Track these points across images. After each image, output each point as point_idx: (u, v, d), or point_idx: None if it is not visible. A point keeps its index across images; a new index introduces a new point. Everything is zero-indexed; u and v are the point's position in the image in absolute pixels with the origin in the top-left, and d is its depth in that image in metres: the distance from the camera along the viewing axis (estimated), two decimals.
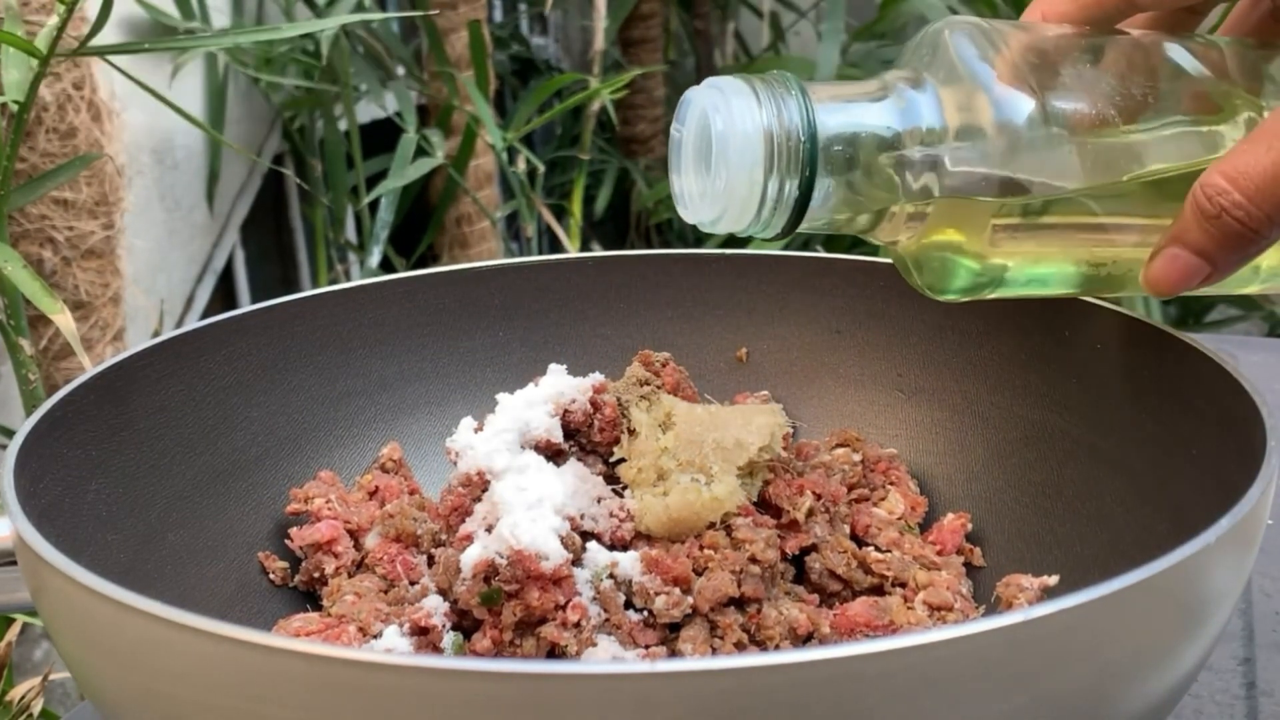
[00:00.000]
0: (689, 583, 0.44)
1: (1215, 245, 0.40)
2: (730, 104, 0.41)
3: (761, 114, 0.41)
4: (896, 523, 0.52)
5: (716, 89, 0.42)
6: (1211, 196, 0.40)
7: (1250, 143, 0.40)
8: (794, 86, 0.41)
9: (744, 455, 0.47)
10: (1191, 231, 0.41)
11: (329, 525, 0.50)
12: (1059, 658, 0.30)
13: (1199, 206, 0.40)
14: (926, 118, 0.42)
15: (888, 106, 0.42)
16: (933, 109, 0.42)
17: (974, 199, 0.41)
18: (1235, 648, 0.52)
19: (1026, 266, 0.44)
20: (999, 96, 0.41)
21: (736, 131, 0.41)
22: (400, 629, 0.45)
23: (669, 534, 0.46)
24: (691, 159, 0.44)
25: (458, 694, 0.28)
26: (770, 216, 0.42)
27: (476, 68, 1.70)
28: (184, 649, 0.30)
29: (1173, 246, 0.41)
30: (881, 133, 0.42)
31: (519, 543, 0.43)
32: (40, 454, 0.42)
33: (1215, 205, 0.40)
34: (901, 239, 0.44)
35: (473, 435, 0.50)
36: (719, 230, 0.43)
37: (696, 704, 0.27)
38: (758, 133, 0.40)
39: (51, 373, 1.17)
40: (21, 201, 0.87)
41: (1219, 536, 0.32)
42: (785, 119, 0.40)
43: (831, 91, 0.42)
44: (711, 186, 0.42)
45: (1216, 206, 0.40)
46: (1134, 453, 0.47)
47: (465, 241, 1.99)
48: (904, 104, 0.42)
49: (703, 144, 0.43)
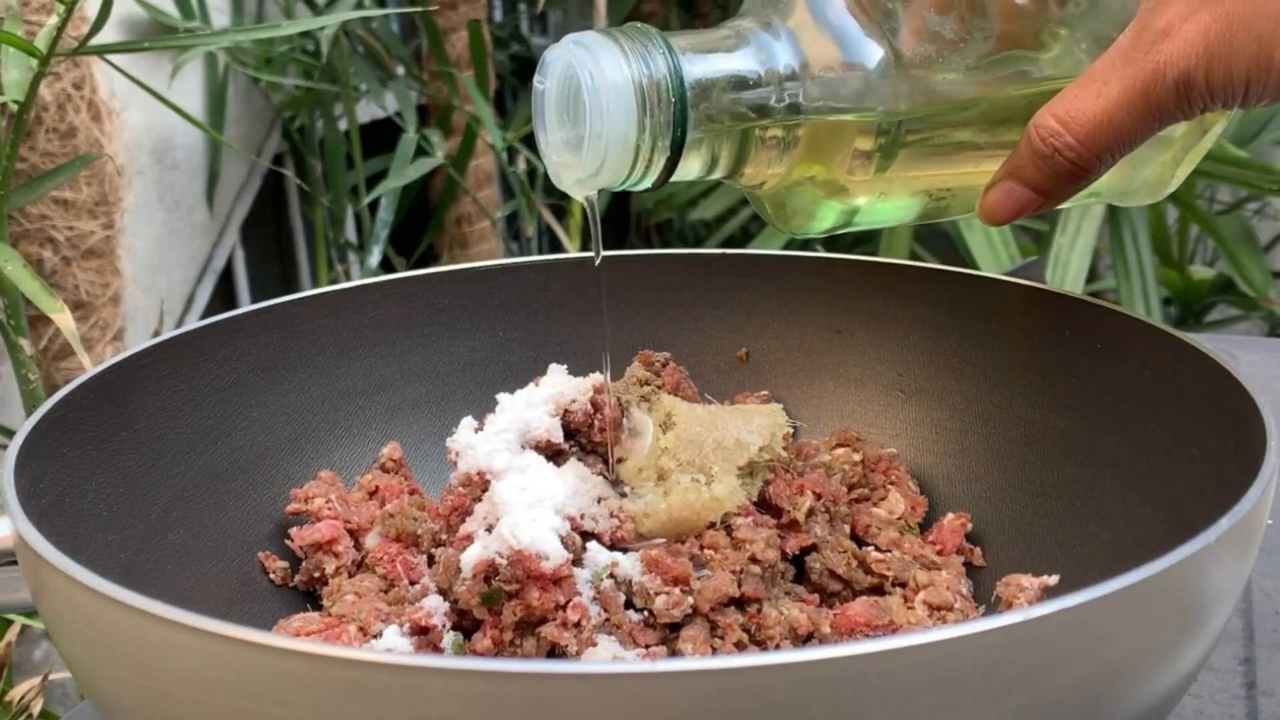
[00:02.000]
0: (689, 582, 0.44)
1: (1047, 181, 0.43)
2: (598, 58, 0.41)
3: (630, 67, 0.41)
4: (896, 523, 0.52)
5: (580, 45, 0.42)
6: (1045, 138, 0.42)
7: (1080, 86, 0.42)
8: (657, 39, 0.42)
9: (744, 455, 0.47)
10: (1026, 168, 0.44)
11: (329, 525, 0.50)
12: (1059, 657, 0.30)
13: (1033, 146, 0.43)
14: (785, 59, 0.43)
15: (747, 52, 0.43)
16: (789, 51, 0.43)
17: (832, 125, 0.43)
18: (1235, 648, 0.52)
19: (879, 197, 0.46)
20: (848, 37, 0.43)
21: (607, 85, 0.41)
22: (400, 629, 0.45)
23: (668, 534, 0.46)
24: (556, 117, 0.44)
25: (458, 694, 0.28)
26: (645, 169, 0.42)
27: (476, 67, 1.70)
28: (184, 649, 0.30)
29: (1008, 180, 0.44)
30: (747, 75, 0.43)
31: (519, 543, 0.43)
32: (40, 454, 0.42)
33: (1049, 146, 0.42)
34: (769, 180, 0.45)
35: (473, 435, 0.50)
36: (594, 187, 0.43)
37: (696, 703, 0.27)
38: (627, 85, 0.41)
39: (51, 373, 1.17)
40: (21, 201, 0.87)
41: (1219, 536, 0.32)
42: (654, 69, 0.41)
43: (692, 41, 0.43)
44: (586, 143, 0.42)
45: (1050, 147, 0.42)
46: (1134, 453, 0.47)
47: (465, 241, 1.99)
48: (762, 48, 0.43)
49: (569, 102, 0.43)
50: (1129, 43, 0.41)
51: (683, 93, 0.41)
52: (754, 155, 0.44)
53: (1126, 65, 0.41)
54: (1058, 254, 1.60)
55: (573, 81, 0.42)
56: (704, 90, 0.42)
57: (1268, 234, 2.07)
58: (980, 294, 0.55)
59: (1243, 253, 1.70)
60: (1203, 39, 0.40)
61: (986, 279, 0.55)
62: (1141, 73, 0.41)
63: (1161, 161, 0.49)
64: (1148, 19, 0.41)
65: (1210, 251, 2.23)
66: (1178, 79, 0.40)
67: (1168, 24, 0.40)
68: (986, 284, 0.55)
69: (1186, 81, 0.40)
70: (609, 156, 0.42)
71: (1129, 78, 0.41)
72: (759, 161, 0.45)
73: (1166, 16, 0.40)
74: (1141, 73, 0.41)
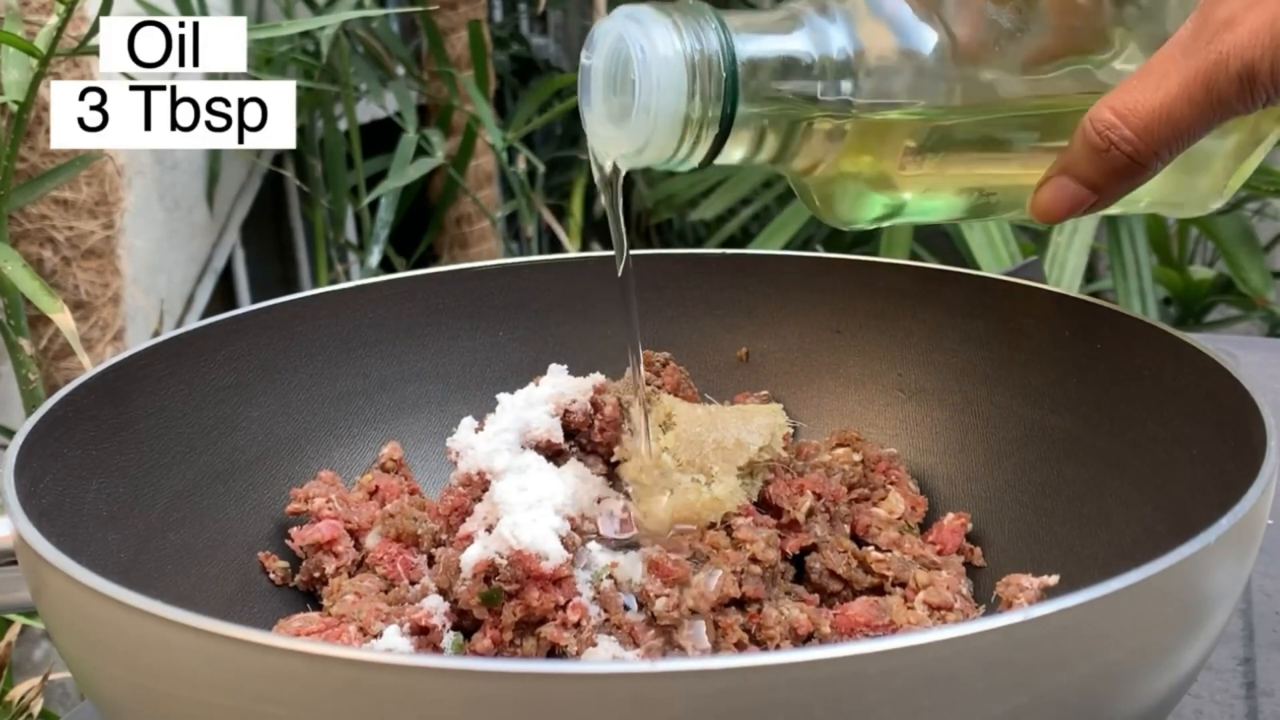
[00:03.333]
0: (690, 583, 0.44)
1: (1103, 176, 0.42)
2: (650, 32, 0.40)
3: (682, 41, 0.40)
4: (896, 523, 0.52)
5: (632, 18, 0.41)
6: (1101, 131, 0.41)
7: (1139, 79, 0.41)
8: (710, 16, 0.41)
9: (744, 455, 0.47)
10: (1080, 163, 0.42)
11: (329, 525, 0.50)
12: (1059, 657, 0.30)
13: (1088, 140, 0.42)
14: (840, 44, 0.42)
15: (801, 34, 0.42)
16: (844, 35, 0.42)
17: (885, 118, 0.43)
18: (1235, 647, 0.52)
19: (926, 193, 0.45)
20: (906, 26, 0.42)
21: (658, 58, 0.40)
22: (400, 629, 0.45)
23: (667, 533, 0.46)
24: (602, 91, 0.43)
25: (458, 694, 0.28)
26: (692, 146, 0.42)
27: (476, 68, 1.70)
28: (184, 648, 0.30)
29: (1061, 176, 0.43)
30: (801, 58, 0.42)
31: (519, 543, 0.43)
32: (41, 454, 0.42)
33: (1105, 139, 0.41)
34: (818, 167, 0.45)
35: (473, 435, 0.50)
36: (640, 163, 0.43)
37: (696, 703, 0.27)
38: (679, 60, 0.40)
39: (51, 373, 1.16)
40: (21, 201, 0.87)
41: (1219, 536, 0.32)
42: (706, 46, 0.40)
43: (746, 20, 0.42)
44: (634, 117, 0.41)
45: (1106, 140, 0.41)
46: (1134, 453, 0.47)
47: (465, 241, 1.99)
48: (817, 31, 0.42)
49: (617, 75, 0.42)
50: (1189, 34, 0.40)
51: (734, 69, 0.41)
52: (802, 143, 0.43)
53: (1187, 57, 0.40)
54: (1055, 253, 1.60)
55: (623, 55, 0.41)
56: (755, 69, 0.41)
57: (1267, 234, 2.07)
58: (980, 294, 0.55)
59: (1242, 253, 1.70)
60: (1269, 28, 0.38)
61: (986, 279, 0.55)
62: (1203, 64, 0.40)
63: (1214, 170, 0.48)
64: (1209, 10, 0.40)
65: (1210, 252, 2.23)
66: (1241, 69, 0.39)
67: (1230, 14, 0.39)
68: (986, 284, 0.55)
69: (1250, 72, 0.39)
70: (656, 131, 0.41)
71: (1190, 69, 0.40)
72: (806, 150, 0.44)
73: (1229, 7, 0.39)
74: (1203, 64, 0.40)
